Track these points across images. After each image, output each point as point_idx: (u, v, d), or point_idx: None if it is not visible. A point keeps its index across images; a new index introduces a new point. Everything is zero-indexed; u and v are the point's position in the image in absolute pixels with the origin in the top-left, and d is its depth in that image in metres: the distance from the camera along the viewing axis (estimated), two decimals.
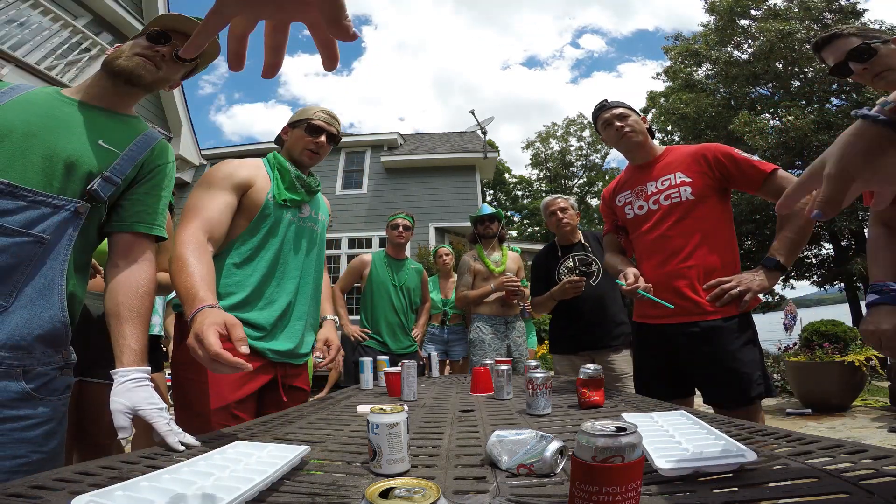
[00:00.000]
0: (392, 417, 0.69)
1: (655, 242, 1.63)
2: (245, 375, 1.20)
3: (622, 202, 1.77)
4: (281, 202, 1.36)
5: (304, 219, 1.45)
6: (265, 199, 1.34)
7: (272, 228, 1.35)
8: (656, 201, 1.65)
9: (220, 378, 1.18)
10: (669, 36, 13.94)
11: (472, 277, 2.87)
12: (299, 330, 1.41)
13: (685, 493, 0.54)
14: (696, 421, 0.83)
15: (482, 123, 12.28)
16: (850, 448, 0.65)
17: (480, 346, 2.72)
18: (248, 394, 1.25)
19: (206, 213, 1.22)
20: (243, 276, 1.31)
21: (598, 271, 2.38)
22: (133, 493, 0.53)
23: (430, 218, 10.42)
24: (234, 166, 1.33)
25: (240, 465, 0.63)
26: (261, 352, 1.29)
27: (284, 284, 1.37)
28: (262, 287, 1.33)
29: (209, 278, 1.09)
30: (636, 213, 1.71)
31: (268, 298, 1.34)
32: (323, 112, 1.48)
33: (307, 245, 1.46)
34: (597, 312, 2.31)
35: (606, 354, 2.29)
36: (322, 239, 1.56)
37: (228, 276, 1.30)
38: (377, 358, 1.90)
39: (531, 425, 0.98)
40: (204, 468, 0.62)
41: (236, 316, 1.18)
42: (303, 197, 1.43)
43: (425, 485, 0.47)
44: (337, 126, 1.51)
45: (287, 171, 1.39)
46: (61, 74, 5.20)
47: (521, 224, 25.73)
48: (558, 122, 26.55)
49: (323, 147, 1.46)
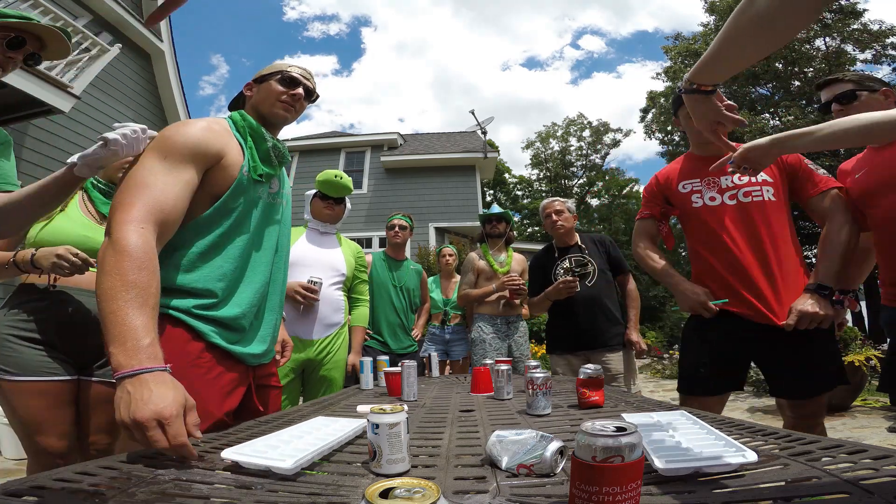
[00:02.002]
0: (392, 417, 0.69)
1: (733, 239, 1.60)
2: (227, 386, 1.09)
3: (688, 189, 1.72)
4: (257, 177, 1.12)
5: (273, 195, 1.22)
6: (238, 176, 1.08)
7: (247, 209, 1.12)
8: (733, 196, 1.62)
9: (202, 395, 0.97)
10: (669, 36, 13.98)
11: (476, 276, 2.87)
12: (273, 325, 1.24)
13: (685, 493, 0.54)
14: (696, 421, 0.83)
15: (482, 123, 12.28)
16: (850, 448, 0.65)
17: (481, 345, 2.72)
18: (236, 405, 1.11)
19: (159, 197, 0.92)
20: (211, 268, 1.07)
21: (594, 272, 2.43)
22: (264, 441, 0.77)
23: (430, 218, 10.43)
24: (201, 135, 1.03)
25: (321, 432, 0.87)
26: (240, 357, 1.12)
27: (259, 273, 1.17)
28: (236, 279, 1.11)
29: (155, 313, 0.83)
30: (706, 204, 1.66)
31: (241, 292, 1.13)
32: (298, 66, 1.27)
33: (278, 226, 1.26)
34: (593, 313, 2.36)
35: (602, 354, 2.35)
36: (288, 217, 1.34)
37: (191, 270, 1.05)
38: (377, 358, 1.90)
39: (531, 425, 0.98)
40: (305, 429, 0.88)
41: (207, 316, 1.06)
42: (276, 171, 1.20)
43: (425, 485, 0.47)
44: (314, 82, 1.31)
45: (263, 140, 1.16)
46: (61, 74, 5.20)
47: (521, 224, 25.73)
48: (558, 123, 26.56)
49: (299, 101, 1.23)
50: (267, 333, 1.22)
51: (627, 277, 2.58)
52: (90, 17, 6.57)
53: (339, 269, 2.20)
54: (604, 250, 2.56)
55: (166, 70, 7.92)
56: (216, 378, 1.08)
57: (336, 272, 2.18)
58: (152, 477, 0.62)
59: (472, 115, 12.23)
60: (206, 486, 0.61)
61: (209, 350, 1.07)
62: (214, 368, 1.08)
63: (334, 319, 2.14)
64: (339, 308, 2.17)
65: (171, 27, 8.07)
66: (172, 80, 8.00)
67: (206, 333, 1.06)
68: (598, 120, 28.45)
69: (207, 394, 1.02)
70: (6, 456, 3.20)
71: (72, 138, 6.04)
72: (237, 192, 1.09)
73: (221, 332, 1.09)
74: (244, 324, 1.13)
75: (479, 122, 12.24)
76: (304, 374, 2.08)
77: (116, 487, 0.58)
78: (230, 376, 1.10)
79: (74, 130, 6.07)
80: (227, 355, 1.10)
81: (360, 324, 2.34)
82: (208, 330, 1.07)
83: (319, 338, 2.07)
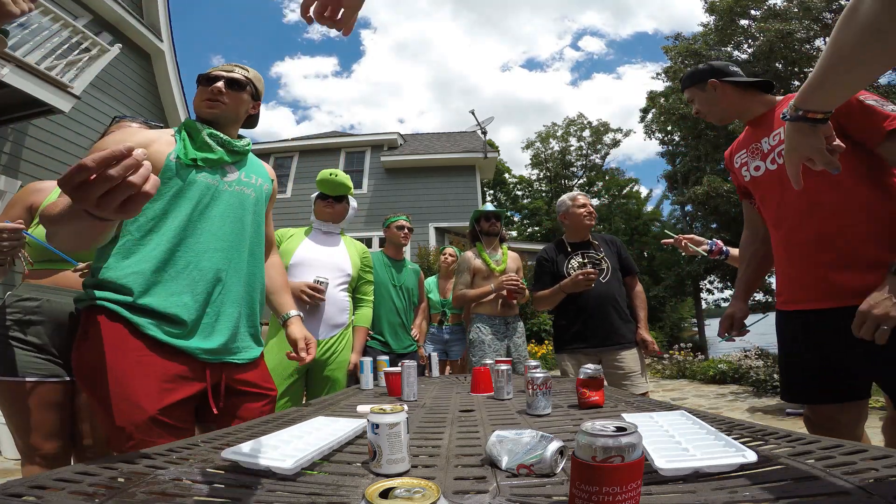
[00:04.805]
0: (392, 417, 0.69)
1: (781, 210, 1.36)
2: (168, 381, 1.04)
3: (739, 163, 1.51)
4: (189, 161, 1.16)
5: (229, 182, 1.24)
6: (165, 160, 1.13)
7: (180, 192, 1.14)
8: (774, 160, 1.35)
9: (133, 387, 1.00)
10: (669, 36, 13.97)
11: (472, 276, 2.86)
12: (233, 318, 1.19)
13: (685, 493, 0.54)
14: (696, 421, 0.83)
15: (482, 123, 12.28)
16: (850, 448, 0.65)
17: (480, 346, 2.71)
18: (174, 402, 1.04)
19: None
20: (144, 252, 1.08)
21: (608, 270, 2.42)
22: (264, 441, 0.78)
23: (430, 218, 10.43)
24: (128, 133, 1.16)
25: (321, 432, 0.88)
26: (188, 351, 1.08)
27: (203, 260, 1.14)
28: (170, 264, 1.10)
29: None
30: (752, 176, 1.45)
31: (182, 279, 1.10)
32: (227, 64, 1.31)
33: (237, 212, 1.23)
34: (606, 311, 2.34)
35: (616, 352, 2.32)
36: (260, 206, 1.33)
37: (128, 256, 1.07)
38: (377, 358, 1.90)
39: (531, 425, 0.98)
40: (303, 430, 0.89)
41: (142, 304, 1.04)
42: (221, 156, 1.22)
43: (425, 485, 0.47)
44: (243, 71, 1.30)
45: (197, 130, 1.20)
46: (61, 74, 5.20)
47: (521, 224, 25.73)
48: (558, 123, 26.57)
49: (221, 94, 1.24)
50: (226, 327, 1.17)
51: (635, 279, 2.58)
52: (90, 17, 6.57)
53: (345, 270, 2.20)
54: (615, 250, 2.56)
55: (166, 70, 7.91)
56: (153, 372, 1.04)
57: (342, 273, 2.18)
58: (152, 477, 0.62)
59: (472, 115, 12.23)
60: (206, 486, 0.61)
61: (148, 344, 1.05)
62: (152, 362, 1.04)
63: (339, 320, 2.14)
64: (344, 308, 2.17)
65: (171, 27, 8.07)
66: (172, 81, 8.00)
67: (142, 325, 1.04)
68: (598, 120, 28.41)
69: (140, 387, 1.00)
70: (6, 456, 3.20)
71: (72, 138, 6.03)
72: (165, 177, 1.12)
73: (158, 324, 1.06)
74: (182, 315, 1.09)
75: (479, 122, 12.24)
76: (307, 374, 2.08)
77: (116, 487, 0.58)
78: (172, 371, 1.06)
79: (74, 130, 6.07)
80: (171, 350, 1.07)
81: (363, 324, 2.33)
82: (144, 322, 1.05)
83: (324, 338, 2.07)
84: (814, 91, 0.78)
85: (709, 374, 6.70)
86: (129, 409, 0.99)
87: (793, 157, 0.91)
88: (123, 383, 1.00)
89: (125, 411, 0.98)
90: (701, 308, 15.63)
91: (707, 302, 16.04)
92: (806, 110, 0.82)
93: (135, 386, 1.00)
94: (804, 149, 0.87)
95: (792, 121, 0.86)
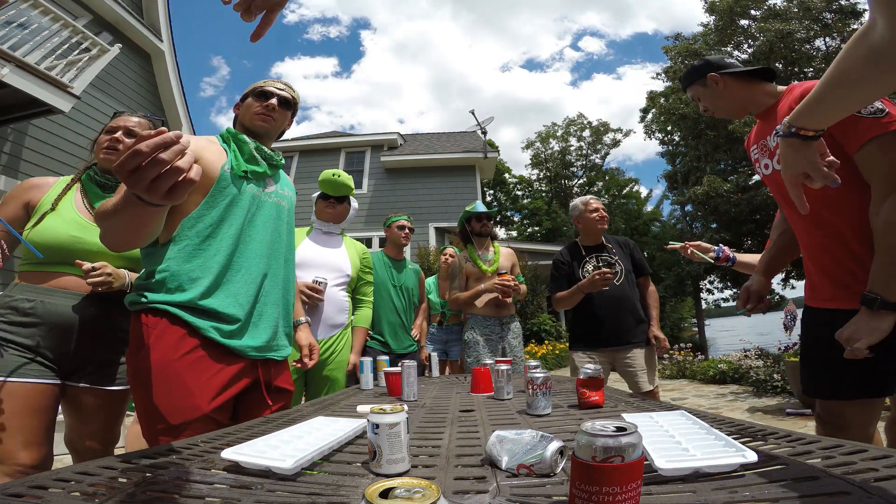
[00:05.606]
0: (392, 417, 0.69)
1: (790, 212, 1.34)
2: (224, 381, 1.12)
3: (754, 157, 1.46)
4: (241, 174, 1.24)
5: (269, 194, 1.35)
6: (221, 171, 1.21)
7: (234, 201, 1.22)
8: (780, 160, 1.32)
9: (190, 387, 1.06)
10: (669, 37, 13.99)
11: (465, 279, 2.87)
12: (273, 319, 1.28)
13: (685, 493, 0.54)
14: (696, 421, 0.83)
15: (482, 123, 12.28)
16: (850, 448, 0.65)
17: (475, 347, 2.71)
18: (227, 400, 1.13)
19: None
20: (206, 257, 1.16)
21: (622, 272, 2.51)
22: (264, 441, 0.77)
23: (430, 218, 10.43)
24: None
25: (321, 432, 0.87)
26: (238, 350, 1.17)
27: (253, 265, 1.24)
28: (230, 268, 1.19)
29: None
30: (763, 173, 1.41)
31: (238, 282, 1.20)
32: (274, 80, 1.40)
33: (275, 222, 1.34)
34: (620, 312, 2.44)
35: (628, 350, 2.42)
36: (291, 217, 1.45)
37: (189, 260, 1.14)
38: (377, 358, 1.90)
39: (531, 425, 0.98)
40: (304, 430, 0.88)
41: (203, 306, 1.12)
42: (265, 170, 1.33)
43: (425, 485, 0.47)
44: (291, 91, 1.41)
45: (245, 143, 1.28)
46: (61, 74, 5.20)
47: (521, 224, 25.73)
48: (558, 123, 26.56)
49: (274, 110, 1.34)
50: (268, 326, 1.26)
51: (648, 280, 2.64)
52: (90, 17, 6.57)
53: (344, 270, 2.20)
54: (628, 251, 2.62)
55: (166, 70, 7.92)
56: (211, 374, 1.11)
57: (341, 273, 2.18)
58: (152, 477, 0.62)
59: (472, 115, 12.23)
60: (206, 486, 0.61)
61: (205, 346, 1.11)
62: (207, 361, 1.11)
63: (338, 320, 2.14)
64: (343, 309, 2.17)
65: (171, 27, 8.07)
66: (172, 81, 8.00)
67: (203, 329, 1.11)
68: (598, 120, 28.41)
69: (196, 386, 1.07)
70: None
71: (72, 138, 6.04)
72: (221, 186, 1.20)
73: (216, 325, 1.13)
74: (238, 314, 1.18)
75: (479, 122, 12.24)
76: (307, 374, 2.08)
77: (116, 487, 0.58)
78: (225, 370, 1.14)
79: (74, 130, 6.07)
80: (224, 349, 1.14)
81: (362, 325, 2.34)
82: (205, 325, 1.11)
83: (323, 338, 2.07)
84: (810, 109, 0.80)
85: (709, 374, 6.69)
86: (187, 408, 1.06)
87: (789, 177, 0.92)
88: (181, 383, 1.07)
89: (183, 410, 1.05)
90: (701, 308, 15.64)
91: (707, 302, 16.04)
92: (798, 127, 0.84)
93: (191, 385, 1.07)
94: (799, 164, 0.88)
95: (784, 137, 0.88)
